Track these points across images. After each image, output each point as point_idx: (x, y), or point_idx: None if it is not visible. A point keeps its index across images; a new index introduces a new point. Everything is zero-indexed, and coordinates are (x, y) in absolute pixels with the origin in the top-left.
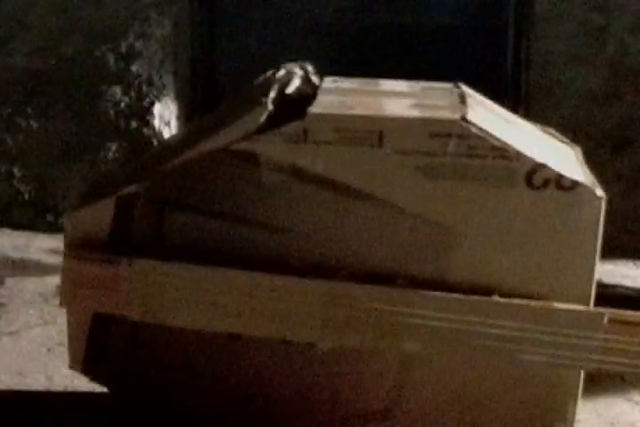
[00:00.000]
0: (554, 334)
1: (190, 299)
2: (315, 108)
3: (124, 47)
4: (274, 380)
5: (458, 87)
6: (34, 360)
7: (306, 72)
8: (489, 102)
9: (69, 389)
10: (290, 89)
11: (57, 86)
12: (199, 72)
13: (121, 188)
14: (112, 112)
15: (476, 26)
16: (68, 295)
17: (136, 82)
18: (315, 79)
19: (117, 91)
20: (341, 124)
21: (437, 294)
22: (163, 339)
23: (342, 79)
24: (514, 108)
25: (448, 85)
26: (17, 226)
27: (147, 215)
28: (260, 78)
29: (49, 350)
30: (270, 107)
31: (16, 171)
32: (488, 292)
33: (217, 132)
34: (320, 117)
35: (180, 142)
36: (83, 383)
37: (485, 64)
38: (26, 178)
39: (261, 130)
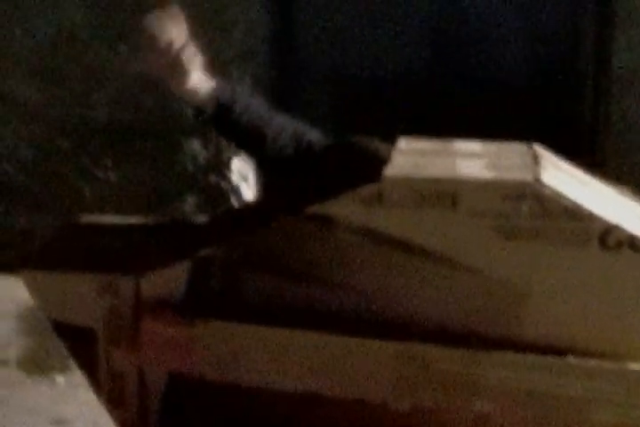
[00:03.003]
0: (627, 395)
1: (264, 359)
2: (390, 171)
3: None
4: None
5: (532, 148)
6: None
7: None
8: (563, 163)
9: None
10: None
11: (135, 138)
12: None
13: (196, 250)
14: (190, 165)
15: (550, 84)
16: (145, 355)
17: (215, 135)
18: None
19: (196, 144)
20: (416, 187)
21: (510, 354)
22: (237, 399)
23: (416, 139)
24: (589, 168)
25: (522, 146)
26: None
27: (222, 277)
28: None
29: None
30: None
31: None
32: (561, 352)
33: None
34: (395, 180)
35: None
36: None
37: (560, 123)
38: None
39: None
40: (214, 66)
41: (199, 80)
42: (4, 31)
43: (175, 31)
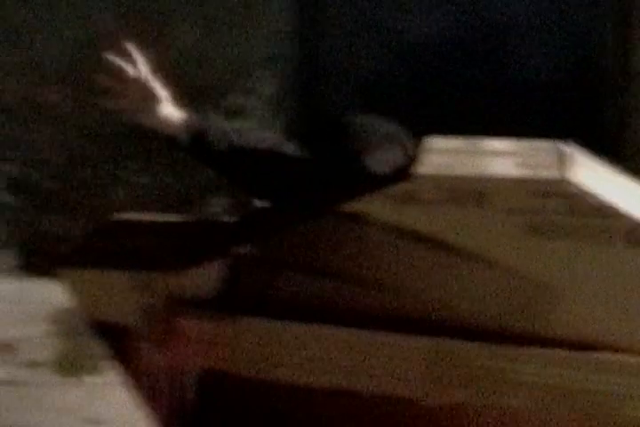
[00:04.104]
0: None
1: (296, 355)
2: (420, 169)
3: (229, 104)
4: None
5: (560, 145)
6: (140, 412)
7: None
8: (590, 160)
9: None
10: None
11: (161, 141)
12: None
13: (230, 248)
14: None
15: (572, 81)
16: (178, 352)
17: None
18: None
19: None
20: (446, 185)
21: (541, 350)
22: (270, 396)
23: (444, 138)
24: (612, 165)
25: (550, 144)
26: None
27: (255, 274)
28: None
29: None
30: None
31: None
32: (591, 348)
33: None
34: (425, 178)
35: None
36: None
37: (583, 120)
38: None
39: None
40: (240, 69)
41: (170, 111)
42: (33, 38)
43: (137, 68)
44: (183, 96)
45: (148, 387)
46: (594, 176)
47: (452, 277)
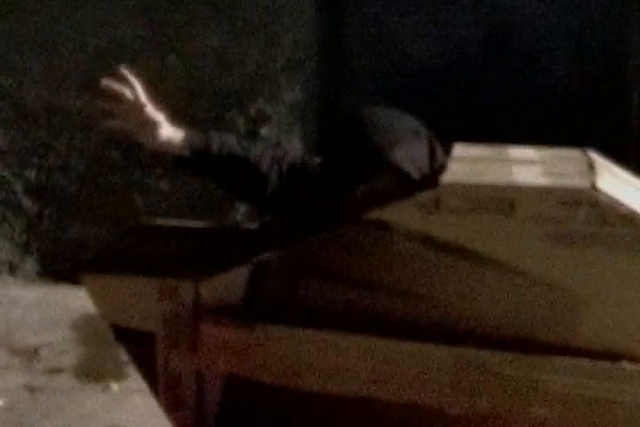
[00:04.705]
0: None
1: (319, 363)
2: (447, 178)
3: (253, 111)
4: None
5: (586, 154)
6: (164, 418)
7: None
8: (617, 169)
9: None
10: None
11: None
12: None
13: (254, 254)
14: None
15: (596, 90)
16: (203, 358)
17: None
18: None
19: None
20: (473, 193)
21: (566, 359)
22: (294, 403)
23: (470, 146)
24: (636, 174)
25: (576, 152)
26: None
27: (281, 282)
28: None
29: None
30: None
31: None
32: (616, 357)
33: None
34: (452, 187)
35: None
36: None
37: (606, 129)
38: None
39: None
40: (265, 75)
41: (169, 131)
42: (56, 44)
43: (132, 91)
44: (208, 103)
45: (173, 394)
46: (621, 185)
47: (478, 286)
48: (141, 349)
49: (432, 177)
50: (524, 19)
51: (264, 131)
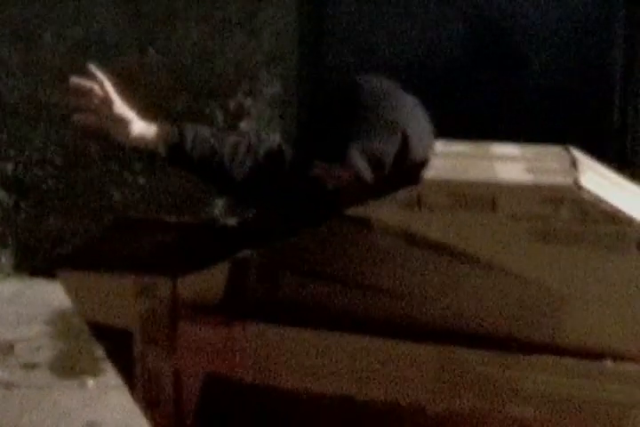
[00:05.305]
0: None
1: (302, 361)
2: (428, 174)
3: (232, 105)
4: None
5: (569, 151)
6: (142, 415)
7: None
8: (599, 166)
9: None
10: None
11: None
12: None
13: (233, 251)
14: None
15: (579, 88)
16: (181, 357)
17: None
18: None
19: None
20: (455, 190)
21: (548, 358)
22: (274, 401)
23: (453, 142)
24: (617, 171)
25: (558, 149)
26: None
27: (261, 279)
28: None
29: None
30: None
31: None
32: (599, 356)
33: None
34: (434, 183)
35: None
36: None
37: (589, 125)
38: None
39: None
40: (244, 70)
41: (141, 127)
42: (34, 36)
43: (101, 88)
44: (187, 97)
45: (151, 392)
46: (603, 182)
47: (459, 283)
48: (119, 346)
49: (409, 172)
50: (513, 18)
51: (243, 125)
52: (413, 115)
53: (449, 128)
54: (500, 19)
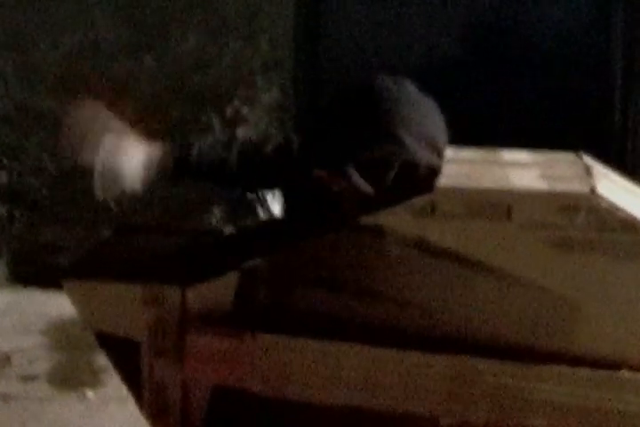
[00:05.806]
0: None
1: (313, 372)
2: (442, 181)
3: (229, 112)
4: None
5: (581, 157)
6: None
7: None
8: (611, 173)
9: None
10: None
11: None
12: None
13: (242, 261)
14: None
15: (580, 90)
16: (189, 367)
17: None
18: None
19: None
20: (470, 198)
21: (563, 368)
22: (283, 412)
23: (462, 149)
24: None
25: (570, 155)
26: None
27: (271, 289)
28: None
29: None
30: None
31: None
32: (615, 365)
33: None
34: (448, 191)
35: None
36: None
37: (590, 128)
38: None
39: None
40: (241, 77)
41: (145, 149)
42: (29, 44)
43: (102, 117)
44: (184, 104)
45: (159, 402)
46: (617, 189)
47: (474, 292)
48: (126, 356)
49: (429, 181)
50: (508, 16)
51: (240, 132)
52: (422, 124)
53: (449, 128)
54: (500, 19)
